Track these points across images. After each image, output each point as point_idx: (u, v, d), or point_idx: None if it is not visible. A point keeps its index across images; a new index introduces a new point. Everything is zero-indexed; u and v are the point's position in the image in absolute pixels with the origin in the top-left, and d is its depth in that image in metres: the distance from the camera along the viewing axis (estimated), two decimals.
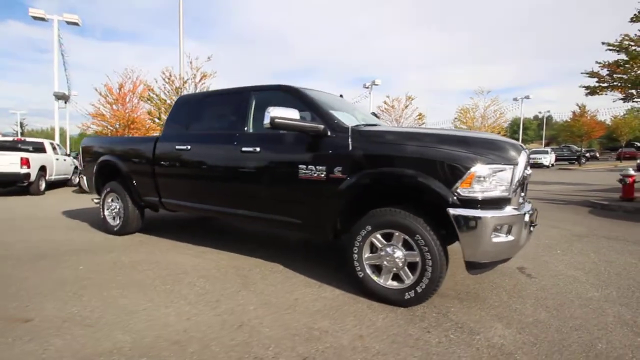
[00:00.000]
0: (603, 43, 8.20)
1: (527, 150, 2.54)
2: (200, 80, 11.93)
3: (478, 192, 2.22)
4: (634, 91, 7.96)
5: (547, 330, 2.16)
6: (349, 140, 2.62)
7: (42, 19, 14.90)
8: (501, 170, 2.24)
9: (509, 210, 2.26)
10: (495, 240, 2.20)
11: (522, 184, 2.41)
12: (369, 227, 2.51)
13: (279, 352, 1.87)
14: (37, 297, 2.53)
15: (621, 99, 8.44)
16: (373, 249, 2.56)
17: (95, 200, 4.92)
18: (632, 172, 6.92)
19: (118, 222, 4.48)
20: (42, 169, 9.63)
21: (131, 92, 15.42)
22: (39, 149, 10.35)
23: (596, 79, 8.53)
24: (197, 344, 1.94)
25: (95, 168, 4.66)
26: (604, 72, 8.45)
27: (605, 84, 8.53)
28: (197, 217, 5.75)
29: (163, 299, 2.53)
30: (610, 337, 2.08)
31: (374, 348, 1.93)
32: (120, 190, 4.40)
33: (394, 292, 2.45)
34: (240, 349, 1.90)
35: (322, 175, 2.70)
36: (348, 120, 2.96)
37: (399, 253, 2.42)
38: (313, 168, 2.75)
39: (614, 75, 8.32)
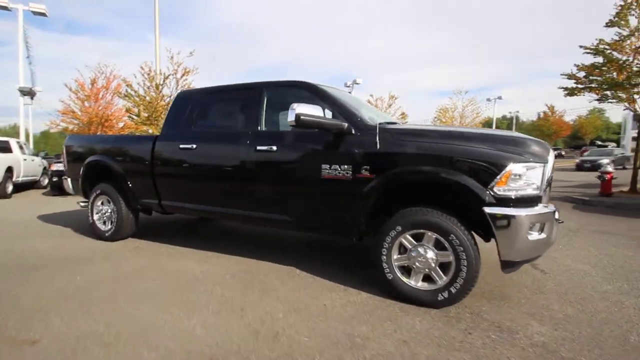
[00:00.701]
0: (580, 46, 8.65)
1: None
2: (182, 77, 11.46)
3: (513, 190, 2.21)
4: (608, 92, 8.44)
5: (580, 326, 2.19)
6: (377, 138, 2.54)
7: (5, 8, 13.73)
8: (533, 169, 2.25)
9: (540, 208, 2.27)
10: (530, 238, 2.20)
11: (550, 182, 2.44)
12: (398, 228, 2.45)
13: None
14: (38, 313, 2.27)
15: (597, 99, 8.94)
16: (402, 250, 2.51)
17: (82, 204, 4.56)
18: (610, 169, 7.35)
19: (110, 226, 4.17)
20: (9, 170, 8.87)
21: (105, 87, 14.60)
22: (5, 148, 9.51)
23: (574, 81, 8.98)
24: (234, 359, 1.80)
25: (82, 169, 4.31)
26: (581, 74, 8.90)
27: (582, 86, 9.00)
28: (189, 219, 5.48)
29: (182, 309, 2.35)
30: (639, 330, 2.14)
31: (422, 354, 1.86)
32: (112, 192, 4.09)
33: (426, 294, 2.40)
34: None
35: (348, 174, 2.61)
36: (369, 117, 2.88)
37: (431, 253, 2.38)
38: (338, 167, 2.65)
39: (590, 77, 8.79)
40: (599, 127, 30.87)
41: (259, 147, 3.01)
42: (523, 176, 2.22)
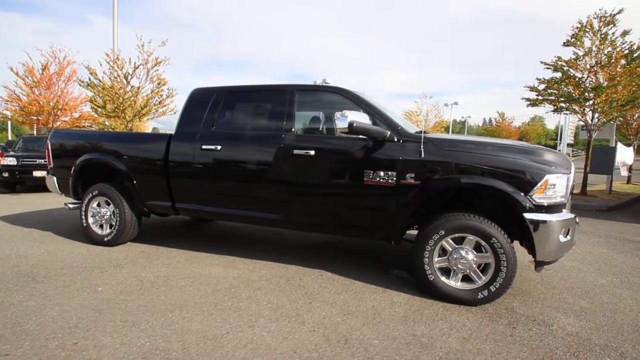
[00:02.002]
0: (541, 62, 9.62)
1: None
2: (154, 67, 10.73)
3: (546, 198, 2.47)
4: (564, 105, 9.49)
5: (596, 316, 2.52)
6: (421, 146, 2.67)
7: None
8: (562, 179, 2.53)
9: (566, 214, 2.57)
10: (561, 240, 2.48)
11: (572, 191, 2.75)
12: (442, 232, 2.61)
13: None
14: (77, 330, 2.07)
15: (553, 110, 10.00)
16: (442, 252, 2.67)
17: (71, 206, 4.14)
18: None
19: (108, 230, 3.85)
20: None
21: (57, 74, 13.19)
22: None
23: (536, 93, 9.95)
24: None
25: (75, 167, 3.92)
26: (542, 87, 9.89)
27: (542, 97, 10.01)
28: (175, 220, 5.23)
29: (236, 317, 2.29)
30: None
31: (486, 349, 2.03)
32: (113, 193, 3.78)
33: (466, 293, 2.59)
34: None
35: (392, 180, 2.72)
36: (405, 125, 3.00)
37: (472, 255, 2.58)
38: (381, 174, 2.74)
39: (549, 91, 9.81)
40: (540, 134, 34.54)
41: (296, 151, 2.99)
42: (556, 186, 2.49)
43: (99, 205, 3.93)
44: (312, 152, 2.96)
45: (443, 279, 2.65)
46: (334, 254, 3.84)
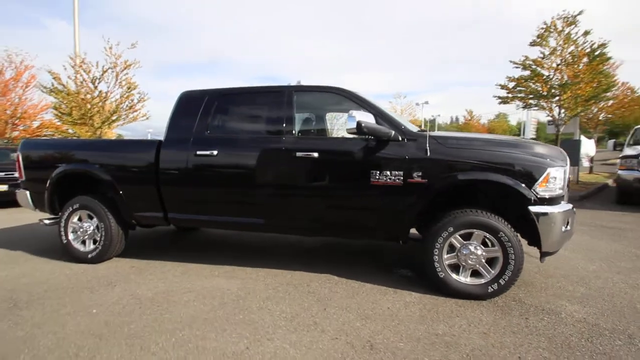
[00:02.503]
0: (510, 61, 10.12)
1: None
2: (123, 70, 10.19)
3: (548, 191, 2.56)
4: (532, 101, 10.03)
5: (597, 301, 2.64)
6: (427, 145, 2.68)
7: None
8: (560, 171, 2.63)
9: (565, 205, 2.67)
10: (563, 231, 2.58)
11: (568, 183, 2.87)
12: (450, 229, 2.63)
13: None
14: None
15: (522, 107, 10.54)
16: (450, 249, 2.70)
17: (47, 222, 3.81)
18: None
19: (93, 246, 3.57)
20: None
21: (14, 80, 12.23)
22: None
23: (506, 91, 10.45)
24: None
25: (51, 179, 3.60)
26: (511, 85, 10.40)
27: (512, 95, 10.52)
28: (164, 231, 4.98)
29: (253, 331, 2.17)
30: (635, 296, 2.67)
31: (507, 341, 2.06)
32: (97, 206, 3.51)
33: (476, 287, 2.63)
34: None
35: (399, 180, 2.71)
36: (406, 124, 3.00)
37: (480, 250, 2.62)
38: (388, 173, 2.73)
39: (518, 88, 10.33)
40: (505, 130, 36.51)
41: (298, 154, 2.91)
42: (556, 178, 2.58)
43: (80, 219, 3.64)
44: (316, 155, 2.90)
45: (453, 275, 2.67)
46: (335, 257, 3.79)
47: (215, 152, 3.13)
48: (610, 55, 8.49)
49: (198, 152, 3.16)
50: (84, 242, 3.63)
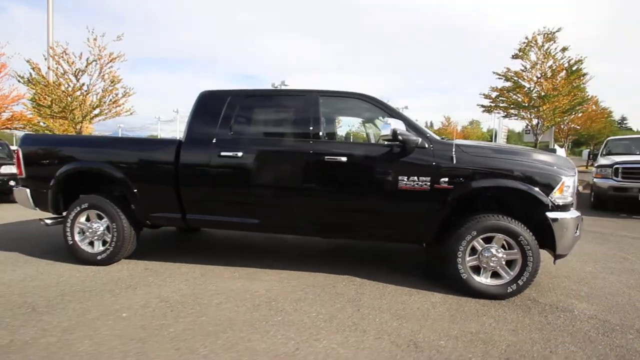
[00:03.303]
0: (494, 72, 10.67)
1: None
2: (108, 63, 9.74)
3: (562, 198, 2.78)
4: (513, 111, 10.64)
5: (601, 299, 2.88)
6: (453, 153, 2.82)
7: None
8: (572, 180, 2.86)
9: (575, 212, 2.90)
10: (575, 235, 2.80)
11: (577, 191, 3.11)
12: (474, 232, 2.78)
13: None
14: None
15: (503, 116, 11.14)
16: (472, 251, 2.85)
17: (49, 222, 3.61)
18: None
19: (102, 248, 3.43)
20: None
21: None
22: None
23: (489, 100, 11.00)
24: None
25: (57, 177, 3.43)
26: (494, 95, 10.96)
27: (494, 104, 11.10)
28: (166, 232, 4.86)
29: (297, 332, 2.20)
30: (633, 295, 2.94)
31: (536, 338, 2.22)
32: (108, 206, 3.38)
33: (496, 288, 2.79)
34: None
35: (426, 185, 2.83)
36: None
37: (501, 253, 2.79)
38: (416, 179, 2.84)
39: (500, 99, 10.91)
40: (479, 136, 38.30)
41: (327, 158, 2.97)
42: (570, 187, 2.80)
43: (88, 219, 3.48)
44: (344, 159, 2.96)
45: (475, 276, 2.83)
46: (348, 259, 3.86)
47: (240, 154, 3.12)
48: (586, 71, 9.18)
49: (222, 153, 3.13)
50: (91, 244, 3.48)
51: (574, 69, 9.16)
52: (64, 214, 3.58)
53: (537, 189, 2.72)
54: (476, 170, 2.80)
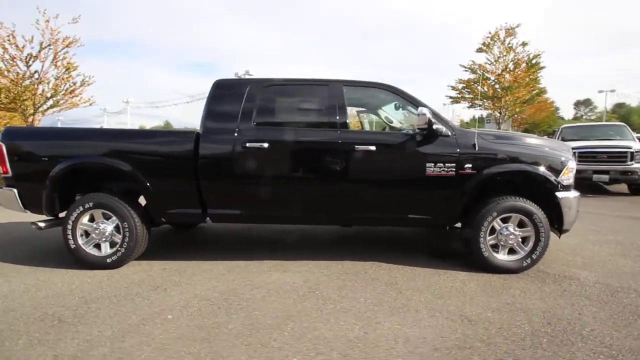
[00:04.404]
0: (460, 65, 11.31)
1: None
2: (63, 49, 8.75)
3: (567, 180, 3.10)
4: (478, 102, 11.41)
5: (597, 266, 3.29)
6: (475, 140, 3.01)
7: None
8: (574, 164, 3.20)
9: (576, 192, 3.25)
10: (577, 212, 3.15)
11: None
12: (494, 213, 3.02)
13: (534, 332, 2.17)
14: None
15: (469, 106, 11.91)
16: (491, 231, 3.09)
17: (42, 224, 3.25)
18: None
19: (111, 250, 3.17)
20: None
21: None
22: None
23: (457, 92, 11.67)
24: (480, 344, 1.98)
25: (54, 175, 3.08)
26: (460, 86, 11.65)
27: (460, 95, 11.80)
28: (162, 230, 4.61)
29: (356, 317, 2.26)
30: (619, 262, 3.39)
31: (562, 303, 2.50)
32: (117, 204, 3.12)
33: (513, 263, 3.07)
34: (528, 339, 2.08)
35: (452, 172, 3.00)
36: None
37: (517, 231, 3.06)
38: (442, 165, 2.99)
39: (464, 89, 11.63)
40: None
41: (358, 147, 3.00)
42: (573, 170, 3.14)
43: (92, 220, 3.19)
44: (373, 148, 3.03)
45: (494, 254, 3.08)
46: (363, 245, 3.97)
47: (265, 145, 3.04)
48: (544, 65, 10.11)
49: (248, 144, 3.02)
50: (97, 246, 3.21)
51: (533, 62, 10.08)
52: (60, 215, 3.26)
53: (550, 172, 3.01)
54: (496, 156, 3.02)
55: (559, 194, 3.02)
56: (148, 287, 2.76)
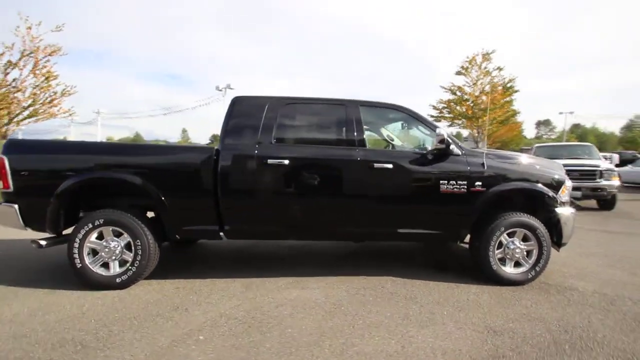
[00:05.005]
0: (441, 86, 11.98)
1: None
2: (46, 57, 8.40)
3: (564, 197, 3.37)
4: (458, 121, 12.05)
5: (590, 278, 3.53)
6: (484, 160, 3.23)
7: None
8: (569, 182, 3.49)
9: (571, 208, 3.53)
10: (573, 227, 3.42)
11: None
12: (502, 228, 3.21)
13: (555, 340, 2.31)
14: None
15: (449, 125, 12.55)
16: (499, 245, 3.28)
17: (43, 242, 3.07)
18: None
19: (120, 269, 3.05)
20: None
21: None
22: None
23: (437, 111, 12.29)
24: (512, 353, 2.08)
25: (62, 190, 2.95)
26: (440, 106, 12.29)
27: (441, 115, 12.42)
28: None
29: (388, 332, 2.31)
30: (609, 272, 3.68)
31: (571, 312, 2.68)
32: (130, 221, 3.02)
33: (519, 275, 3.25)
34: (552, 347, 2.20)
35: (464, 189, 3.18)
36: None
37: (522, 245, 3.26)
38: (454, 183, 3.17)
39: (444, 110, 12.28)
40: None
41: (377, 165, 3.12)
42: (569, 188, 3.42)
43: (100, 237, 3.06)
44: (390, 166, 3.16)
45: (502, 267, 3.26)
46: (368, 260, 4.04)
47: (286, 162, 3.09)
48: (518, 88, 10.93)
49: (269, 161, 3.06)
50: (104, 265, 3.07)
51: (508, 85, 10.88)
52: (64, 232, 3.10)
53: (551, 190, 3.27)
54: (503, 175, 3.25)
55: (559, 210, 3.28)
56: (168, 307, 2.67)
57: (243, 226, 3.17)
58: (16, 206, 3.03)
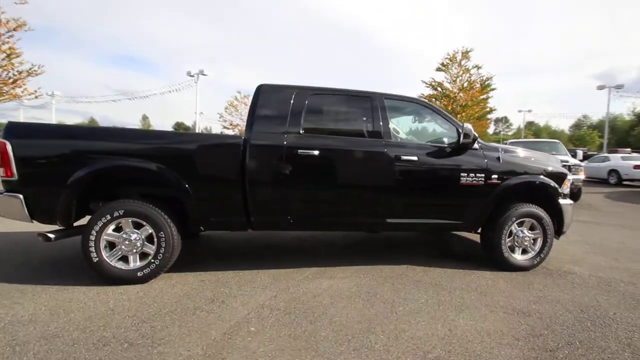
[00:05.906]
0: (422, 81, 12.33)
1: None
2: (8, 32, 7.52)
3: (566, 189, 3.67)
4: None
5: (584, 263, 3.90)
6: (499, 154, 3.42)
7: None
8: (569, 175, 3.80)
9: (570, 200, 3.85)
10: (572, 216, 3.74)
11: None
12: (514, 218, 3.44)
13: (577, 319, 2.55)
14: None
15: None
16: (509, 234, 3.52)
17: (52, 236, 2.83)
18: None
19: (141, 263, 2.90)
20: None
21: None
22: None
23: None
24: (546, 331, 2.27)
25: (75, 180, 2.73)
26: None
27: None
28: None
29: (430, 317, 2.42)
30: (598, 258, 4.09)
31: (579, 293, 2.96)
32: (152, 212, 2.87)
33: (526, 261, 3.52)
34: (577, 325, 2.42)
35: (481, 181, 3.35)
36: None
37: (530, 233, 3.52)
38: (474, 175, 3.33)
39: None
40: None
41: (403, 157, 3.20)
42: (569, 181, 3.72)
43: (118, 229, 2.88)
44: (416, 158, 3.25)
45: (511, 254, 3.50)
46: (386, 248, 4.17)
47: (316, 152, 3.07)
48: (495, 86, 11.53)
49: (300, 151, 3.02)
50: (124, 259, 2.90)
51: (486, 83, 11.46)
52: (75, 224, 2.89)
53: (556, 183, 3.54)
54: (517, 168, 3.47)
55: (561, 201, 3.57)
56: (203, 300, 2.59)
57: (270, 217, 3.12)
58: (21, 196, 2.77)
